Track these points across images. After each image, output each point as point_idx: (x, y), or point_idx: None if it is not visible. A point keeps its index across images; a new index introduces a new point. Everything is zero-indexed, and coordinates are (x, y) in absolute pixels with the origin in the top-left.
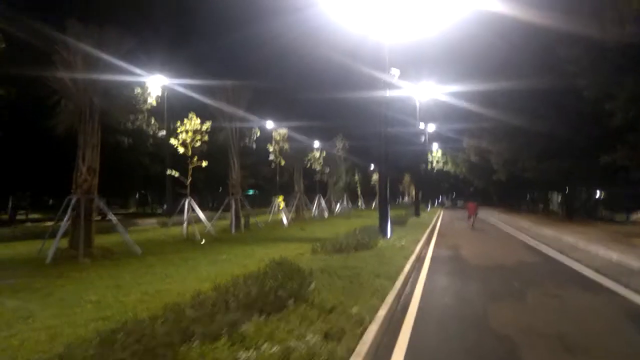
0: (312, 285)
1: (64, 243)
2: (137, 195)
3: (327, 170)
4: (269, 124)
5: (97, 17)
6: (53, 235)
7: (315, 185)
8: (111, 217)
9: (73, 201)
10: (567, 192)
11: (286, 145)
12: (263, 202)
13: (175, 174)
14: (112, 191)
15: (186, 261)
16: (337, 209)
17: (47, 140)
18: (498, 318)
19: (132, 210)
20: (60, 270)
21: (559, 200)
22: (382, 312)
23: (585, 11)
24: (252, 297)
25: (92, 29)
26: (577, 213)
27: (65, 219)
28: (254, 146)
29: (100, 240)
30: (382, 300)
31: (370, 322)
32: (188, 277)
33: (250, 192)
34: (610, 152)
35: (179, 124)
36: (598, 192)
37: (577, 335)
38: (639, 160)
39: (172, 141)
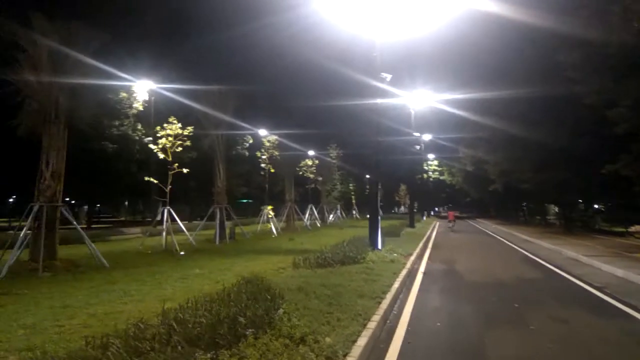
0: (281, 310)
1: (27, 255)
2: (126, 203)
3: (320, 178)
4: (262, 132)
5: (82, 20)
6: (13, 246)
7: (308, 194)
8: (77, 227)
9: (35, 209)
10: (565, 203)
11: (276, 153)
12: (256, 211)
13: (154, 181)
14: (101, 199)
15: (154, 276)
16: (330, 219)
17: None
18: (498, 350)
19: (122, 218)
20: (11, 286)
21: (556, 212)
22: (361, 342)
23: (586, 11)
24: (203, 327)
25: (58, 24)
26: (575, 225)
27: (25, 228)
28: (247, 154)
29: (71, 251)
30: (364, 326)
31: (344, 356)
32: (148, 296)
33: (244, 200)
34: (613, 162)
35: (158, 128)
36: (595, 204)
37: None
38: None
39: (152, 146)
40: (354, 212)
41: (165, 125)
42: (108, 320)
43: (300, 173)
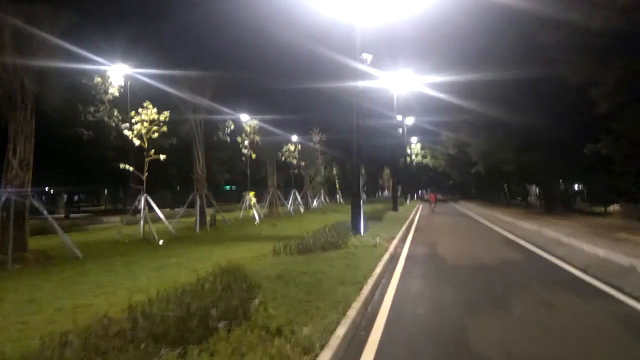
0: (257, 300)
1: None
2: (105, 192)
3: (303, 164)
4: (244, 117)
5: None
6: None
7: (292, 180)
8: (47, 216)
9: (2, 199)
10: (546, 184)
11: (257, 138)
12: (240, 197)
13: (130, 168)
14: (79, 187)
15: (128, 266)
16: (314, 204)
17: None
18: (481, 336)
19: (102, 206)
20: None
21: (537, 193)
22: (340, 331)
23: None
24: (172, 321)
25: (22, 3)
26: (555, 205)
27: None
28: (229, 140)
29: (45, 242)
30: (344, 314)
31: (322, 347)
32: (120, 288)
33: (227, 187)
34: (593, 142)
35: (133, 114)
36: (576, 185)
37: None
38: (623, 151)
39: (127, 133)
40: (338, 196)
41: (140, 110)
42: (75, 315)
43: (283, 158)
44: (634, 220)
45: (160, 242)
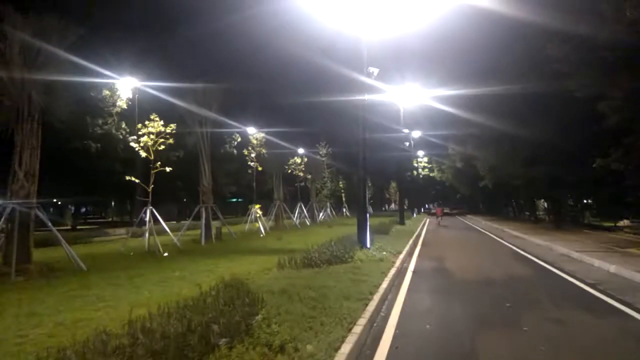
0: (260, 316)
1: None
2: (112, 203)
3: (309, 176)
4: (251, 130)
5: (58, 14)
6: None
7: (298, 192)
8: (52, 228)
9: (7, 210)
10: (554, 199)
11: (263, 150)
12: (246, 210)
13: (136, 180)
14: (86, 199)
15: (132, 279)
16: (320, 217)
17: None
18: (490, 352)
19: (109, 219)
20: None
21: (545, 207)
22: (345, 349)
23: (577, 5)
24: (172, 337)
25: (30, 17)
26: (564, 220)
27: None
28: (235, 152)
29: (50, 254)
30: (349, 330)
31: None
32: (123, 301)
33: (234, 200)
34: (603, 156)
35: (140, 126)
36: (585, 199)
37: None
38: (634, 165)
39: (134, 145)
40: (344, 210)
41: (147, 122)
42: (75, 329)
43: (289, 171)
44: None
45: (165, 254)
